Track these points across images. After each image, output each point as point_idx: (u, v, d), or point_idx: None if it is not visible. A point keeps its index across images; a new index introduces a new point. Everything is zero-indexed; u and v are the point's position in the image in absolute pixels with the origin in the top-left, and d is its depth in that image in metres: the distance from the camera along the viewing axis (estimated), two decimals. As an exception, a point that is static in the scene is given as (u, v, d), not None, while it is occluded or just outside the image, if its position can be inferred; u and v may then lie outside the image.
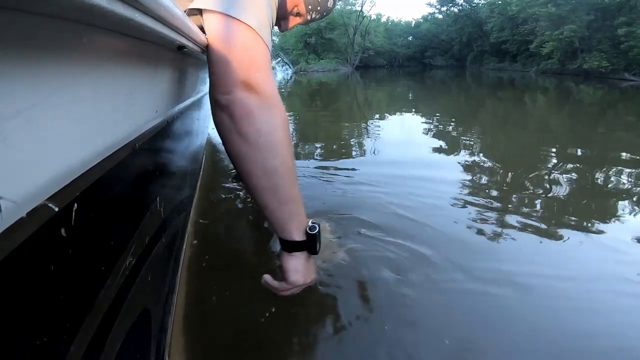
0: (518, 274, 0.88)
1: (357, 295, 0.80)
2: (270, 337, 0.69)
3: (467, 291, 0.82)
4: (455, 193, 1.41)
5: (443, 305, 0.77)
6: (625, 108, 4.60)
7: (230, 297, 0.81)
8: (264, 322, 0.73)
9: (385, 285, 0.84)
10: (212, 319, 0.75)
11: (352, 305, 0.77)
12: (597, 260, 0.96)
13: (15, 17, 0.19)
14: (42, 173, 0.23)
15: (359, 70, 19.33)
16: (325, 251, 0.93)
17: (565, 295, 0.81)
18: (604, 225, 1.14)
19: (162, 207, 0.52)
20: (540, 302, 0.78)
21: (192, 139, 0.94)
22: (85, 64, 0.28)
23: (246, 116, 0.55)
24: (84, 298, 0.27)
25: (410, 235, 1.05)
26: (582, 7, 12.13)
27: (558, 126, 3.25)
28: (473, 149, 2.19)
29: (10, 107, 0.20)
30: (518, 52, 17.57)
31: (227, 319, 0.74)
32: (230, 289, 0.83)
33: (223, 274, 0.90)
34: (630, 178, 1.61)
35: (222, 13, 0.55)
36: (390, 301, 0.79)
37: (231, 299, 0.80)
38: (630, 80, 10.01)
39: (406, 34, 27.40)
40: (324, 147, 2.24)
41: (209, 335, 0.70)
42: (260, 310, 0.77)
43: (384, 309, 0.76)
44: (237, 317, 0.75)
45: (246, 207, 1.30)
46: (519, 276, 0.87)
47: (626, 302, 0.79)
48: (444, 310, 0.76)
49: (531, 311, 0.76)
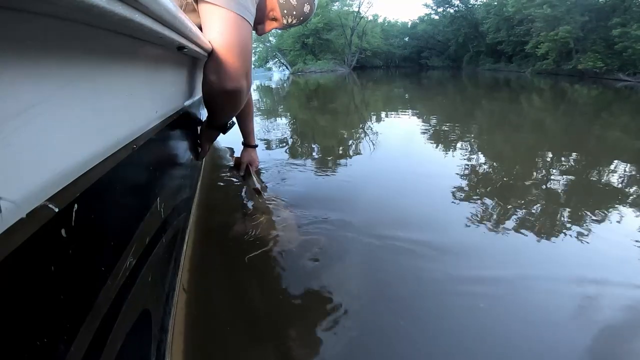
0: (515, 275, 0.89)
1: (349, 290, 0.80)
2: (270, 337, 0.69)
3: (461, 290, 0.82)
4: (450, 191, 1.42)
5: (434, 311, 0.78)
6: (620, 108, 4.64)
7: (231, 297, 0.81)
8: (265, 322, 0.73)
9: (369, 280, 0.84)
10: (212, 319, 0.74)
11: (351, 303, 0.77)
12: (594, 259, 0.96)
13: (16, 17, 0.19)
14: (42, 173, 0.23)
15: (356, 71, 19.36)
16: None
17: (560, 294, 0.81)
18: (602, 225, 1.15)
19: (162, 208, 0.51)
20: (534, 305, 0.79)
21: (193, 139, 0.94)
22: (85, 64, 0.28)
23: (241, 95, 0.79)
24: (84, 299, 0.27)
25: (402, 230, 1.06)
26: (576, 8, 12.23)
27: (553, 126, 3.28)
28: (469, 148, 2.20)
29: (10, 107, 0.20)
30: (514, 52, 17.68)
31: (227, 319, 0.74)
32: (231, 289, 0.83)
33: (223, 274, 0.90)
34: (626, 177, 1.63)
35: (229, 9, 0.65)
36: (375, 296, 0.79)
37: (231, 299, 0.80)
38: (625, 81, 10.10)
39: (403, 34, 27.48)
40: (323, 146, 2.24)
41: (210, 335, 0.70)
42: (260, 310, 0.76)
43: (366, 303, 0.77)
44: (238, 317, 0.75)
45: (246, 207, 1.30)
46: (516, 278, 0.87)
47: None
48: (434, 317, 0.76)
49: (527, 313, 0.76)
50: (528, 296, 0.81)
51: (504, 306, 0.78)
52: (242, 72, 0.75)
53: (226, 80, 0.73)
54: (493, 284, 0.85)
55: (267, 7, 0.93)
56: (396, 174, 1.71)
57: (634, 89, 7.69)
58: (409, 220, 1.17)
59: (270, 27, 0.98)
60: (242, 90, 0.77)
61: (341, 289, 0.83)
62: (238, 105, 0.84)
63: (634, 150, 2.21)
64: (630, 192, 1.45)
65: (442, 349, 0.67)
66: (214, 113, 0.90)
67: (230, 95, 0.77)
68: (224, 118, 0.94)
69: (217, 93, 0.76)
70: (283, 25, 0.98)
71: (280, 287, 0.84)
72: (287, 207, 1.23)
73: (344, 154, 2.09)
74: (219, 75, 0.72)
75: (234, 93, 0.76)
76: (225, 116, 0.92)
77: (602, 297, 0.80)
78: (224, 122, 0.97)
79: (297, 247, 0.99)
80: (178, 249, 0.74)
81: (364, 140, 2.49)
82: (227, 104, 0.82)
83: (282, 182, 1.55)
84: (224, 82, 0.73)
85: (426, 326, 0.72)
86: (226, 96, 0.77)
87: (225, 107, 0.84)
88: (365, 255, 0.97)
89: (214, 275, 0.90)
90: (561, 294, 0.81)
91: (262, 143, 2.32)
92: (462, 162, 1.89)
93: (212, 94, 0.77)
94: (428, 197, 1.40)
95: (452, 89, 7.90)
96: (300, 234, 1.06)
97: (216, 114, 0.90)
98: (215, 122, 0.95)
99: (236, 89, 0.75)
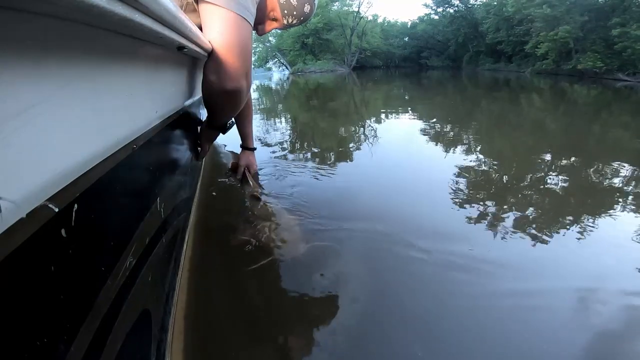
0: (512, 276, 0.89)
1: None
2: (270, 337, 0.69)
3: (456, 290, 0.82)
4: (449, 190, 1.42)
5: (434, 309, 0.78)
6: (620, 108, 4.64)
7: (231, 297, 0.81)
8: (265, 322, 0.73)
9: (372, 281, 0.84)
10: (212, 319, 0.74)
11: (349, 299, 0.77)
12: (592, 261, 0.96)
13: (16, 17, 0.19)
14: (42, 173, 0.23)
15: (356, 71, 19.35)
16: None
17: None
18: (600, 224, 1.15)
19: (163, 208, 0.51)
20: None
21: (193, 139, 0.94)
22: (85, 64, 0.28)
23: (241, 95, 0.79)
24: (84, 298, 0.27)
25: (399, 228, 1.06)
26: (576, 8, 12.23)
27: (553, 126, 3.28)
28: (468, 147, 2.20)
29: (10, 107, 0.20)
30: (513, 52, 17.68)
31: (227, 319, 0.74)
32: (231, 289, 0.83)
33: (223, 274, 0.89)
34: (626, 178, 1.63)
35: (229, 9, 0.66)
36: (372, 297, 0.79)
37: (231, 299, 0.80)
38: (624, 81, 10.10)
39: (402, 34, 27.47)
40: (322, 145, 2.24)
41: (210, 335, 0.70)
42: (260, 310, 0.76)
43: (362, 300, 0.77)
44: (238, 317, 0.75)
45: (246, 207, 1.30)
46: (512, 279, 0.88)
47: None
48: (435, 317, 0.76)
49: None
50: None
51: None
52: (242, 72, 0.76)
53: (226, 80, 0.74)
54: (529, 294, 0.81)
55: (267, 7, 0.94)
56: (397, 175, 1.71)
57: (633, 88, 7.69)
58: (415, 224, 1.16)
59: (271, 27, 0.99)
60: (242, 90, 0.78)
61: (342, 289, 0.83)
62: (238, 105, 0.85)
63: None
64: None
65: (438, 344, 0.67)
66: (214, 113, 0.91)
67: (230, 95, 0.78)
68: (224, 118, 0.94)
69: (217, 93, 0.77)
70: (283, 26, 0.99)
71: (280, 288, 0.84)
72: (287, 211, 1.23)
73: (344, 154, 2.09)
74: (219, 75, 0.73)
75: (233, 93, 0.77)
76: (225, 116, 0.93)
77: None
78: (224, 122, 0.98)
79: (298, 248, 0.99)
80: (178, 249, 0.74)
81: (364, 140, 2.49)
82: (227, 104, 0.83)
83: (281, 183, 1.55)
84: (224, 82, 0.74)
85: (426, 325, 0.72)
86: (226, 96, 0.78)
87: (225, 107, 0.85)
88: (367, 256, 0.97)
89: (214, 275, 0.90)
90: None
91: (262, 143, 2.32)
92: (463, 162, 1.89)
93: (212, 94, 0.78)
94: (436, 200, 1.38)
95: (452, 89, 7.90)
96: (301, 236, 1.06)
97: (216, 114, 0.91)
98: (215, 122, 0.96)
99: (236, 89, 0.76)
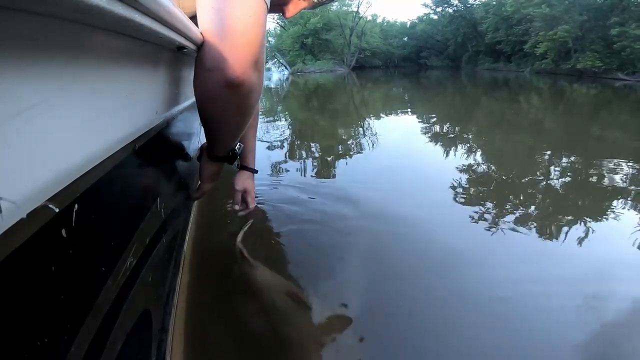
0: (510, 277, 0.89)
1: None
2: (270, 337, 0.69)
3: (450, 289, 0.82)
4: (448, 190, 1.42)
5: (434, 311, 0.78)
6: (619, 107, 4.65)
7: (231, 297, 0.81)
8: (265, 321, 0.73)
9: (373, 288, 0.84)
10: (213, 320, 0.74)
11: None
12: (593, 260, 0.97)
13: (16, 17, 0.19)
14: (43, 174, 0.23)
15: (355, 71, 19.36)
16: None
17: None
18: (600, 224, 1.15)
19: (163, 208, 0.51)
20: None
21: (193, 139, 0.94)
22: (85, 64, 0.27)
23: (251, 92, 0.56)
24: (84, 299, 0.27)
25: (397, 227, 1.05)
26: (575, 8, 12.26)
27: (552, 125, 3.28)
28: (468, 147, 2.21)
29: (10, 107, 0.20)
30: (512, 52, 17.70)
31: (228, 319, 0.74)
32: (231, 289, 0.83)
33: (224, 274, 0.89)
34: (626, 177, 1.63)
35: None
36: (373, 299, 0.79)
37: (232, 299, 0.80)
38: (623, 80, 10.12)
39: (402, 34, 27.51)
40: (322, 145, 2.24)
41: (210, 335, 0.70)
42: (261, 309, 0.76)
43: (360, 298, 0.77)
44: (239, 317, 0.75)
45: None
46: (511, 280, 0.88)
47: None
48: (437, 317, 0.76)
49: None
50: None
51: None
52: (250, 59, 0.52)
53: (227, 68, 0.50)
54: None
55: None
56: (398, 176, 1.71)
57: (632, 88, 7.71)
58: (415, 227, 1.15)
59: (299, 8, 0.83)
60: (249, 83, 0.53)
61: (342, 291, 0.83)
62: (245, 106, 0.59)
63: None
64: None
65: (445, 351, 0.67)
66: (214, 130, 0.65)
67: (234, 90, 0.53)
68: (229, 136, 0.67)
69: (214, 90, 0.54)
70: (313, 4, 0.87)
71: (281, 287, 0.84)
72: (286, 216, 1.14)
73: (345, 152, 2.09)
74: (215, 62, 0.50)
75: (238, 87, 0.53)
76: (229, 132, 0.65)
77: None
78: (230, 145, 0.70)
79: (298, 249, 0.99)
80: (178, 249, 0.74)
81: (364, 140, 2.49)
82: (230, 107, 0.58)
83: (280, 185, 1.55)
84: (224, 72, 0.51)
85: (426, 325, 0.72)
86: (228, 93, 0.53)
87: (227, 114, 0.59)
88: (369, 258, 0.97)
89: (214, 275, 0.90)
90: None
91: (261, 143, 2.31)
92: (464, 163, 1.89)
93: (208, 94, 0.55)
94: (438, 204, 1.38)
95: (451, 88, 7.90)
96: (302, 239, 1.06)
97: (217, 130, 0.65)
98: (217, 147, 0.70)
99: (242, 81, 0.52)
